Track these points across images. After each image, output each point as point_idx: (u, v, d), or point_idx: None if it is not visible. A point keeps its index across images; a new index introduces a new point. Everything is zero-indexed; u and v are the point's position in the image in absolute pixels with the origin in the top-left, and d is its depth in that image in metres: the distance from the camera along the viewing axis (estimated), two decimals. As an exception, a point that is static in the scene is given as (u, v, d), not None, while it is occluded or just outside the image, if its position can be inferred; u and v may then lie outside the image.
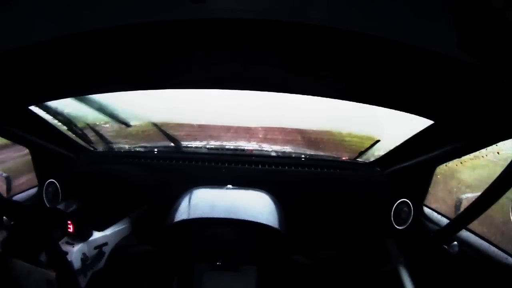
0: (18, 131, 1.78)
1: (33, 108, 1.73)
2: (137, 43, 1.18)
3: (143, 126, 2.58)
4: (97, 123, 2.22)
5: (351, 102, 1.63)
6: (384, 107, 1.61)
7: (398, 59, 1.13)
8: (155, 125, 2.33)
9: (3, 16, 0.91)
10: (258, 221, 1.68)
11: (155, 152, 2.23)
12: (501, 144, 1.37)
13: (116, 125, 2.28)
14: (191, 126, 2.61)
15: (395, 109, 1.60)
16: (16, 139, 1.87)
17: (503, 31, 0.81)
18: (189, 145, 2.35)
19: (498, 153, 1.51)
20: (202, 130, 2.70)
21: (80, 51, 1.19)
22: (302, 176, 2.12)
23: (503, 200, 1.32)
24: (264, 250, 1.80)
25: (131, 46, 1.20)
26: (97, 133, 2.20)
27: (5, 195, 1.84)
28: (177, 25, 1.05)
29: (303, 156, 2.24)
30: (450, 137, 1.53)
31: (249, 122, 2.63)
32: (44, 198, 2.06)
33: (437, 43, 0.98)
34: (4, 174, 1.87)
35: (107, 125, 2.21)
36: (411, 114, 1.57)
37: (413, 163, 1.86)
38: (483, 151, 1.51)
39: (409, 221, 1.94)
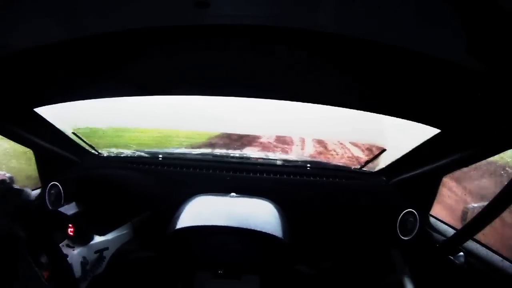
0: (23, 133, 1.78)
1: (39, 110, 1.74)
2: (142, 48, 1.19)
3: (149, 132, 2.58)
4: (102, 128, 2.22)
5: (356, 111, 1.63)
6: (390, 115, 1.61)
7: (403, 65, 1.13)
8: (160, 131, 2.33)
9: (10, 18, 0.92)
10: (261, 230, 1.66)
11: (160, 159, 2.22)
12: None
13: (121, 130, 2.29)
14: (197, 133, 2.61)
15: (401, 117, 1.60)
16: (21, 141, 1.87)
17: None
18: (193, 152, 2.35)
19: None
20: (208, 138, 2.70)
21: (86, 54, 1.20)
22: (307, 185, 2.11)
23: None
24: (267, 260, 1.77)
25: (136, 51, 1.21)
26: (102, 137, 2.20)
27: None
28: (181, 31, 1.06)
29: (308, 165, 2.23)
30: (457, 146, 1.51)
31: (254, 130, 2.63)
32: (47, 200, 2.05)
33: (443, 50, 0.98)
34: (8, 175, 1.87)
35: (112, 130, 2.21)
36: (417, 123, 1.57)
37: (420, 173, 1.84)
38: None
39: (415, 232, 1.90)
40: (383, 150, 2.09)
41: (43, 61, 1.21)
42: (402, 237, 1.93)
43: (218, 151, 2.42)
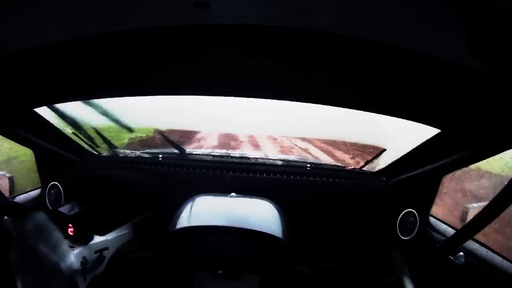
0: (23, 133, 1.78)
1: (39, 110, 1.74)
2: (141, 48, 1.19)
3: (149, 132, 2.58)
4: (102, 128, 2.22)
5: (357, 111, 1.63)
6: (390, 115, 1.61)
7: (403, 65, 1.13)
8: (160, 131, 2.33)
9: (11, 18, 0.92)
10: (261, 230, 1.65)
11: (160, 159, 2.22)
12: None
13: (121, 130, 2.29)
14: (196, 133, 2.61)
15: (401, 117, 1.60)
16: (21, 141, 1.87)
17: None
18: (193, 152, 2.35)
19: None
20: (208, 138, 2.70)
21: (86, 55, 1.20)
22: (307, 185, 2.10)
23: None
24: (267, 260, 1.77)
25: (136, 51, 1.21)
26: (102, 137, 2.20)
27: (8, 195, 1.83)
28: (181, 31, 1.06)
29: (308, 165, 2.23)
30: (457, 146, 1.51)
31: (254, 130, 2.63)
32: (47, 200, 2.05)
33: (443, 50, 0.98)
34: (8, 175, 1.87)
35: (112, 130, 2.21)
36: (417, 123, 1.57)
37: (420, 173, 1.84)
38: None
39: (415, 232, 1.91)
40: (383, 150, 2.09)
41: (43, 61, 1.21)
42: (402, 237, 1.93)
43: (218, 151, 2.42)
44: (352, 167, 2.26)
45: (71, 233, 1.62)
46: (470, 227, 1.44)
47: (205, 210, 1.85)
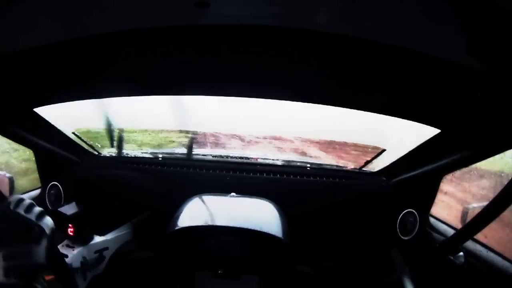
0: (23, 133, 1.78)
1: (39, 110, 1.74)
2: (141, 48, 1.19)
3: (149, 132, 2.57)
4: (102, 128, 2.22)
5: (356, 111, 1.63)
6: (390, 115, 1.61)
7: (403, 65, 1.13)
8: (160, 131, 2.33)
9: (12, 18, 0.92)
10: (261, 230, 1.66)
11: (160, 159, 2.22)
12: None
13: (121, 130, 2.29)
14: (196, 133, 2.60)
15: (401, 117, 1.59)
16: (21, 141, 1.87)
17: None
18: (193, 153, 2.35)
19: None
20: (208, 138, 2.69)
21: (86, 54, 1.20)
22: (307, 185, 2.11)
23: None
24: (267, 260, 1.77)
25: (136, 51, 1.21)
26: (102, 137, 2.20)
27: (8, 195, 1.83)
28: (181, 31, 1.06)
29: (308, 165, 2.23)
30: (457, 146, 1.51)
31: (254, 130, 2.62)
32: (47, 200, 2.05)
33: (443, 50, 0.98)
34: (8, 175, 1.87)
35: (112, 130, 2.21)
36: (417, 123, 1.56)
37: (420, 173, 1.84)
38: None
39: (415, 232, 1.91)
40: (383, 150, 2.09)
41: (43, 61, 1.21)
42: (402, 237, 1.94)
43: (218, 151, 2.42)
44: (352, 167, 2.26)
45: (71, 233, 1.62)
46: (470, 227, 1.44)
47: (205, 210, 1.85)
